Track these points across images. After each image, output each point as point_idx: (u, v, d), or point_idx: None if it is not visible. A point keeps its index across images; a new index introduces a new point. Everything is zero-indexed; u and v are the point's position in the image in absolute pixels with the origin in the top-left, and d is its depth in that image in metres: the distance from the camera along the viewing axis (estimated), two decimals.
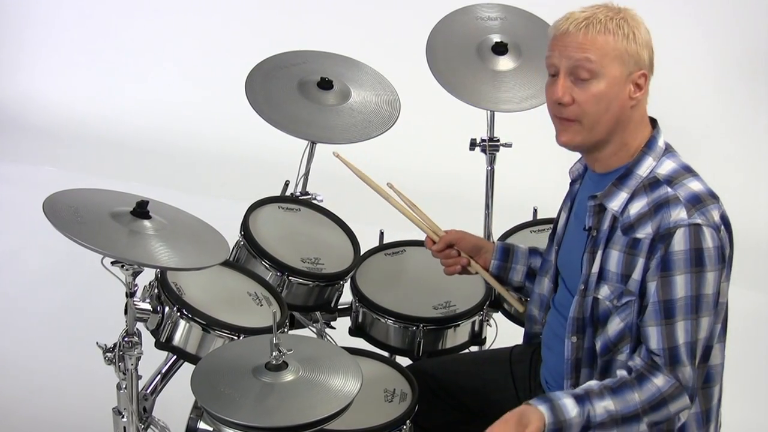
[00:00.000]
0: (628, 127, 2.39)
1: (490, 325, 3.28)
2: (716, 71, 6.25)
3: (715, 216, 2.30)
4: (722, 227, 2.31)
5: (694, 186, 2.33)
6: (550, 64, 2.41)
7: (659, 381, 2.29)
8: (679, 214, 2.27)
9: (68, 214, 2.46)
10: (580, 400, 2.29)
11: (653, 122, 2.47)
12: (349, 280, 3.24)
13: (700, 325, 2.29)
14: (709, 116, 6.19)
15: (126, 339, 2.63)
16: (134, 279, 2.56)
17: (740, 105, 6.19)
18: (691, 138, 5.88)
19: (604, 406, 2.29)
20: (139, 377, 2.70)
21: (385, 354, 3.08)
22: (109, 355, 2.66)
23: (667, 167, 2.38)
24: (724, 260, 2.31)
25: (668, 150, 2.42)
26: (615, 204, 2.38)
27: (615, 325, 2.39)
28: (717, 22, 6.22)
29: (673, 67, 6.15)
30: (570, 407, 2.27)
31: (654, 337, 2.31)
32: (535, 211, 3.58)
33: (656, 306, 2.30)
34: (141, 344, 2.65)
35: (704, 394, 2.44)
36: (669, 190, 2.32)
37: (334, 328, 3.37)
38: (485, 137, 3.65)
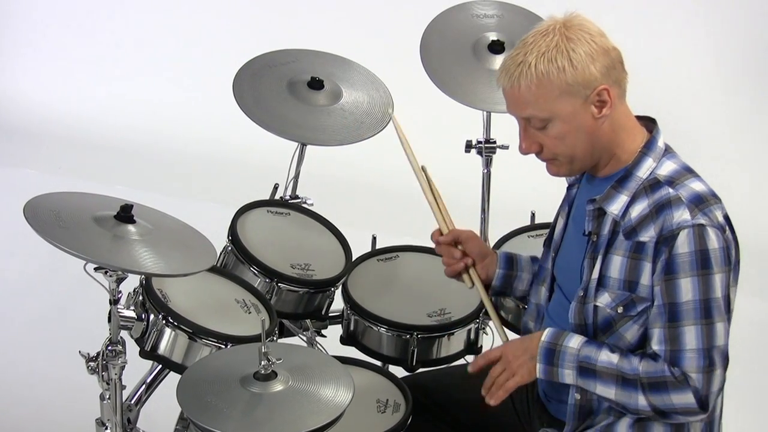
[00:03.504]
0: (612, 140, 2.39)
1: (486, 334, 3.28)
2: (720, 71, 6.27)
3: (719, 216, 2.30)
4: (727, 228, 2.32)
5: (696, 186, 2.33)
6: None
7: (667, 366, 2.30)
8: (682, 215, 2.27)
9: (50, 218, 2.46)
10: (589, 342, 2.40)
11: (651, 122, 2.47)
12: (340, 287, 3.25)
13: (715, 331, 2.27)
14: (713, 116, 6.20)
15: (110, 348, 2.63)
16: (118, 286, 2.56)
17: (745, 105, 6.21)
18: (695, 139, 5.88)
19: (607, 355, 2.36)
20: (123, 387, 2.70)
21: (378, 363, 3.09)
22: (92, 364, 2.66)
23: (667, 168, 2.38)
24: (730, 262, 2.30)
25: (668, 151, 2.42)
26: (615, 207, 2.38)
27: (634, 332, 2.39)
28: (721, 21, 6.24)
29: (675, 66, 6.19)
30: (574, 339, 2.40)
31: (655, 337, 2.32)
32: (533, 215, 3.59)
33: (661, 309, 2.30)
34: (125, 353, 2.65)
35: None
36: (671, 190, 2.32)
37: (324, 336, 3.37)
38: (481, 139, 3.66)
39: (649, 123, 2.47)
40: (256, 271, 3.12)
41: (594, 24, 2.36)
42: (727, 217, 2.34)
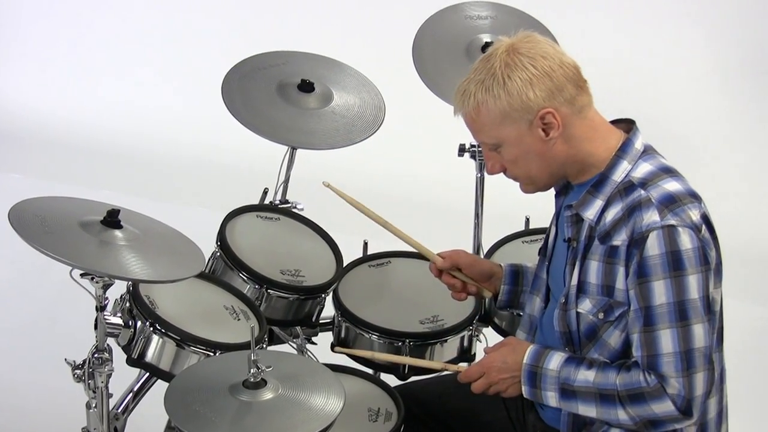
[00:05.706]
0: (573, 155, 2.41)
1: (480, 341, 3.29)
2: (720, 74, 6.28)
3: (693, 216, 2.29)
4: (703, 227, 2.31)
5: (670, 186, 2.33)
6: None
7: (642, 376, 2.32)
8: (651, 216, 2.28)
9: (35, 223, 2.47)
10: (568, 361, 2.41)
11: (630, 123, 2.47)
12: (331, 293, 3.25)
13: (692, 333, 2.28)
14: (713, 120, 6.21)
15: (96, 355, 2.64)
16: (105, 292, 2.57)
17: (746, 109, 6.22)
18: (695, 140, 5.90)
19: (584, 373, 2.38)
20: (109, 396, 2.70)
21: (369, 371, 3.09)
22: (78, 372, 2.67)
23: (643, 170, 2.38)
24: (708, 261, 2.30)
25: (647, 152, 2.42)
26: (590, 213, 2.40)
27: (617, 337, 2.40)
28: (720, 23, 6.26)
29: (675, 69, 6.20)
30: (554, 361, 2.42)
31: (634, 343, 2.34)
32: (528, 220, 3.59)
33: (637, 313, 2.31)
34: (112, 361, 2.66)
35: None
36: (642, 192, 2.33)
37: (315, 343, 3.37)
38: (475, 142, 3.67)
39: (628, 125, 2.48)
40: (245, 277, 3.12)
41: (545, 44, 2.37)
42: (705, 217, 2.33)
